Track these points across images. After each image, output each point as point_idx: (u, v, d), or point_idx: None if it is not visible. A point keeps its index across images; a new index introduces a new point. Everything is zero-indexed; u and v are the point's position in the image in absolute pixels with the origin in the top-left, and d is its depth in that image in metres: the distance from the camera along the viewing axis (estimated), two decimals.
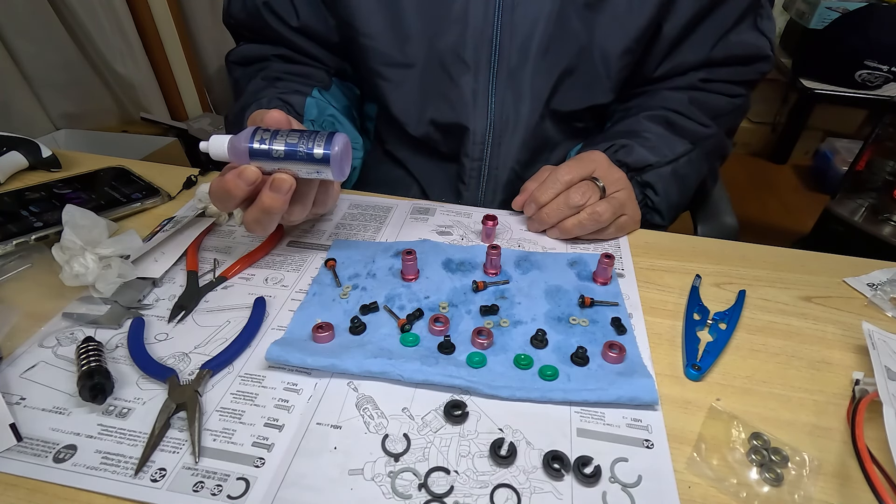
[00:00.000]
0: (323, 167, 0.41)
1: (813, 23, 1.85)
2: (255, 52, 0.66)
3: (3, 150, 0.60)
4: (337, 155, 0.41)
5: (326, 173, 0.41)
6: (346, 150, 0.42)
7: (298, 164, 0.41)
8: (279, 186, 0.41)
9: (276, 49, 0.65)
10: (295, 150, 0.40)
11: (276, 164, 0.41)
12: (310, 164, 0.41)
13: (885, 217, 1.45)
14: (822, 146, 2.22)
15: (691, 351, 0.41)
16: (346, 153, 0.42)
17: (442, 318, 0.42)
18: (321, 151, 0.40)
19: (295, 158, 0.40)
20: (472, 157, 0.63)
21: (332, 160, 0.40)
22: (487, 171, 0.64)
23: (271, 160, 0.41)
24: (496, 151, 0.62)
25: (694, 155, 0.60)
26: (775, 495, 0.32)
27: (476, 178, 0.64)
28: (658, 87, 0.64)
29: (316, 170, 0.41)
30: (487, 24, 0.57)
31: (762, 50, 0.61)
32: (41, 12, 1.29)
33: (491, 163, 0.63)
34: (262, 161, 0.41)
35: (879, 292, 0.48)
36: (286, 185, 0.41)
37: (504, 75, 0.59)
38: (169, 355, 0.40)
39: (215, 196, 0.43)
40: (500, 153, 0.63)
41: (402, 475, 0.32)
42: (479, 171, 0.64)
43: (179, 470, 0.32)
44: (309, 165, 0.41)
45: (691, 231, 0.68)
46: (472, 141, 0.62)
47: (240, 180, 0.41)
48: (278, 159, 0.41)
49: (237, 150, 0.41)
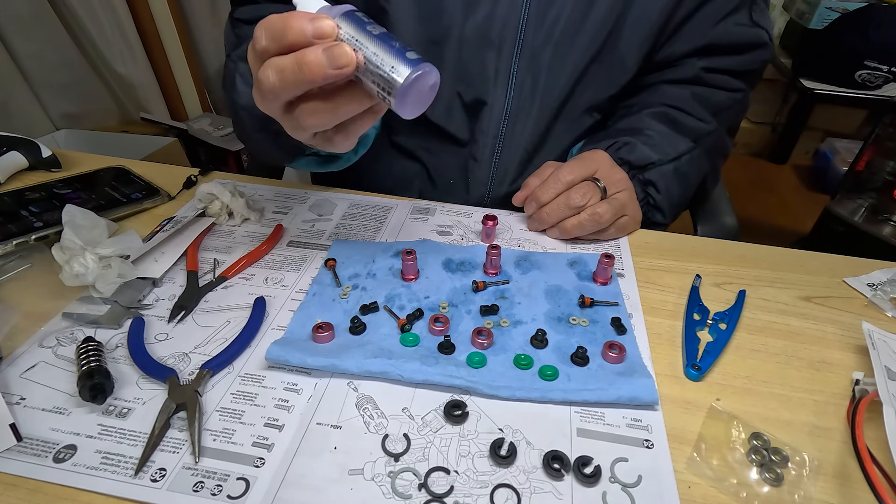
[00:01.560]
0: (400, 81, 0.32)
1: (813, 23, 1.85)
2: (271, 11, 0.61)
3: (3, 150, 0.60)
4: (424, 79, 0.32)
5: (396, 92, 0.32)
6: (432, 87, 0.34)
7: (378, 62, 0.32)
8: (336, 56, 0.31)
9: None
10: (390, 41, 0.32)
11: (360, 44, 0.32)
12: (388, 72, 0.32)
13: (885, 217, 1.45)
14: (822, 146, 2.22)
15: (691, 351, 0.41)
16: (431, 91, 0.34)
17: (442, 318, 0.42)
18: (416, 57, 0.32)
19: (386, 49, 0.32)
20: (487, 133, 0.62)
21: (415, 78, 0.32)
22: (501, 149, 0.63)
23: (363, 32, 0.32)
24: (511, 130, 0.62)
25: (696, 153, 0.61)
26: (775, 495, 0.32)
27: (489, 156, 0.64)
28: (659, 83, 0.64)
29: (389, 82, 0.32)
30: (517, 4, 0.56)
31: (760, 37, 0.61)
32: (41, 12, 1.29)
33: (506, 141, 0.63)
34: (350, 30, 0.32)
35: (879, 292, 0.48)
36: (344, 59, 0.31)
37: (527, 56, 0.58)
38: (169, 355, 0.40)
39: (265, 29, 0.33)
40: (515, 132, 0.62)
41: (402, 475, 0.32)
42: (492, 149, 0.63)
43: (179, 470, 0.32)
44: (387, 72, 0.32)
45: (691, 231, 0.68)
46: (489, 117, 0.61)
47: (309, 24, 0.32)
48: (369, 36, 0.32)
49: (330, 12, 0.33)
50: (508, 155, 0.63)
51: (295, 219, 0.57)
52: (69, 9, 1.37)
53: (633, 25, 0.57)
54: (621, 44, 0.59)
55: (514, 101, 0.60)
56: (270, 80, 0.33)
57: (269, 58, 0.33)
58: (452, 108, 0.63)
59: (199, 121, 1.69)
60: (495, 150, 0.63)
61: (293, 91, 0.34)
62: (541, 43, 0.57)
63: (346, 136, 0.38)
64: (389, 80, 0.32)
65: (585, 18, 0.56)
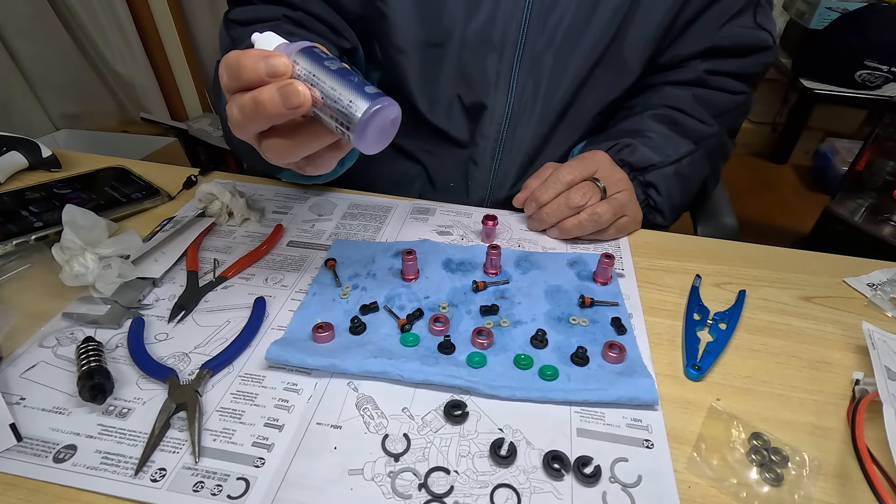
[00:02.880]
0: (358, 116, 0.31)
1: (813, 23, 1.85)
2: (265, 13, 0.58)
3: (3, 150, 0.60)
4: (383, 113, 0.32)
5: (354, 128, 0.31)
6: (393, 122, 0.33)
7: (336, 97, 0.31)
8: (288, 95, 0.31)
9: (291, 11, 0.58)
10: (349, 76, 0.31)
11: (317, 80, 0.32)
12: (347, 106, 0.31)
13: (885, 217, 1.45)
14: (822, 146, 2.22)
15: (691, 351, 0.41)
16: (392, 126, 0.34)
17: (442, 318, 0.42)
18: (375, 91, 0.31)
19: (344, 84, 0.31)
20: (488, 137, 0.62)
21: (374, 112, 0.31)
22: (502, 153, 0.63)
23: (320, 68, 0.32)
24: (511, 134, 0.62)
25: (697, 155, 0.60)
26: (775, 495, 0.32)
27: (489, 160, 0.63)
28: (661, 84, 0.64)
29: (347, 117, 0.31)
30: (518, 8, 0.56)
31: (763, 40, 0.61)
32: (41, 12, 1.29)
33: (506, 145, 0.62)
34: (307, 66, 0.32)
35: (879, 292, 0.48)
36: (296, 99, 0.31)
37: (528, 60, 0.58)
38: (169, 355, 0.40)
39: (225, 67, 0.33)
40: (516, 136, 0.62)
41: (402, 475, 0.32)
42: (493, 153, 0.63)
43: (179, 470, 0.32)
44: (345, 106, 0.31)
45: (691, 231, 0.68)
46: (489, 121, 0.61)
47: (262, 62, 0.31)
48: (326, 71, 0.32)
49: (286, 49, 0.33)
50: (509, 159, 0.63)
51: (295, 219, 0.57)
52: (69, 9, 1.37)
53: (637, 29, 0.57)
54: (625, 47, 0.58)
55: (515, 106, 0.60)
56: (234, 116, 0.33)
57: (232, 94, 0.34)
58: (453, 110, 0.63)
59: (198, 121, 1.69)
60: (496, 155, 0.63)
61: (256, 126, 0.34)
62: (542, 47, 0.57)
63: (316, 167, 0.38)
64: (348, 114, 0.31)
65: (588, 22, 0.56)
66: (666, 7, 0.56)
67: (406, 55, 0.60)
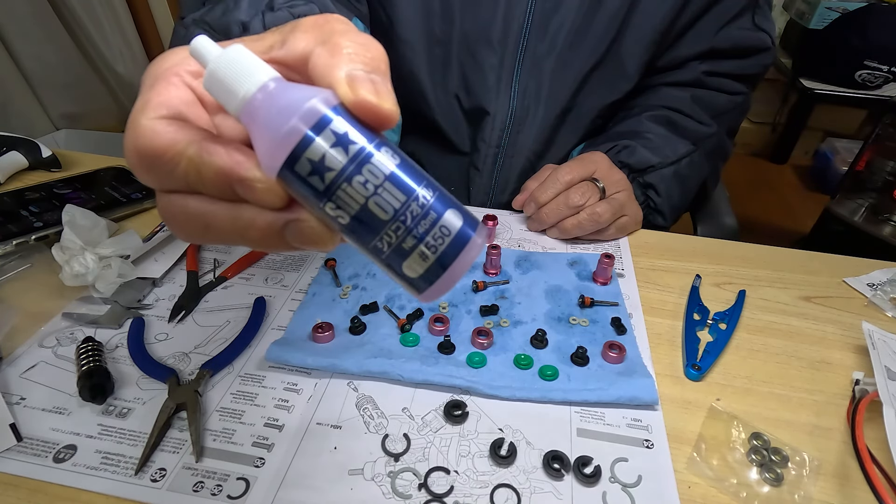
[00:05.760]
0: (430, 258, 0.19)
1: (813, 23, 1.85)
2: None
3: (3, 150, 0.60)
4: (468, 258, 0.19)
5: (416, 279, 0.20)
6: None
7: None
8: (302, 234, 0.19)
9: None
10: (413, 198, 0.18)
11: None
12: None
13: (885, 217, 1.44)
14: (822, 146, 2.21)
15: (691, 351, 0.41)
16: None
17: (442, 318, 0.42)
18: (459, 223, 0.19)
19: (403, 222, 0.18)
20: (489, 142, 0.62)
21: (458, 261, 0.19)
22: (503, 158, 0.63)
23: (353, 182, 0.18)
24: (514, 139, 0.62)
25: (696, 156, 0.60)
26: (775, 495, 0.32)
27: (491, 165, 0.63)
28: (659, 84, 0.64)
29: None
30: (520, 10, 0.56)
31: (762, 41, 0.61)
32: (41, 12, 1.29)
33: (507, 150, 0.62)
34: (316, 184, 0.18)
35: (879, 292, 0.48)
36: (314, 236, 0.19)
37: (529, 63, 0.58)
38: (169, 355, 0.40)
39: (131, 153, 0.19)
40: (518, 141, 0.62)
41: (402, 475, 0.32)
42: (494, 158, 0.63)
43: (179, 470, 0.32)
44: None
45: (691, 231, 0.68)
46: (491, 126, 0.61)
47: (245, 172, 0.18)
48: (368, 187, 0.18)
49: (277, 111, 0.17)
50: (510, 165, 0.63)
51: None
52: (69, 9, 1.37)
53: (637, 31, 0.57)
54: (624, 50, 0.58)
55: (517, 111, 0.60)
56: (183, 229, 0.20)
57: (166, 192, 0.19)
58: (453, 113, 0.63)
59: None
60: (497, 160, 0.63)
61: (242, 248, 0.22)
62: (544, 51, 0.57)
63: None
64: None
65: (589, 26, 0.56)
66: (664, 10, 0.56)
67: (413, 49, 0.59)
